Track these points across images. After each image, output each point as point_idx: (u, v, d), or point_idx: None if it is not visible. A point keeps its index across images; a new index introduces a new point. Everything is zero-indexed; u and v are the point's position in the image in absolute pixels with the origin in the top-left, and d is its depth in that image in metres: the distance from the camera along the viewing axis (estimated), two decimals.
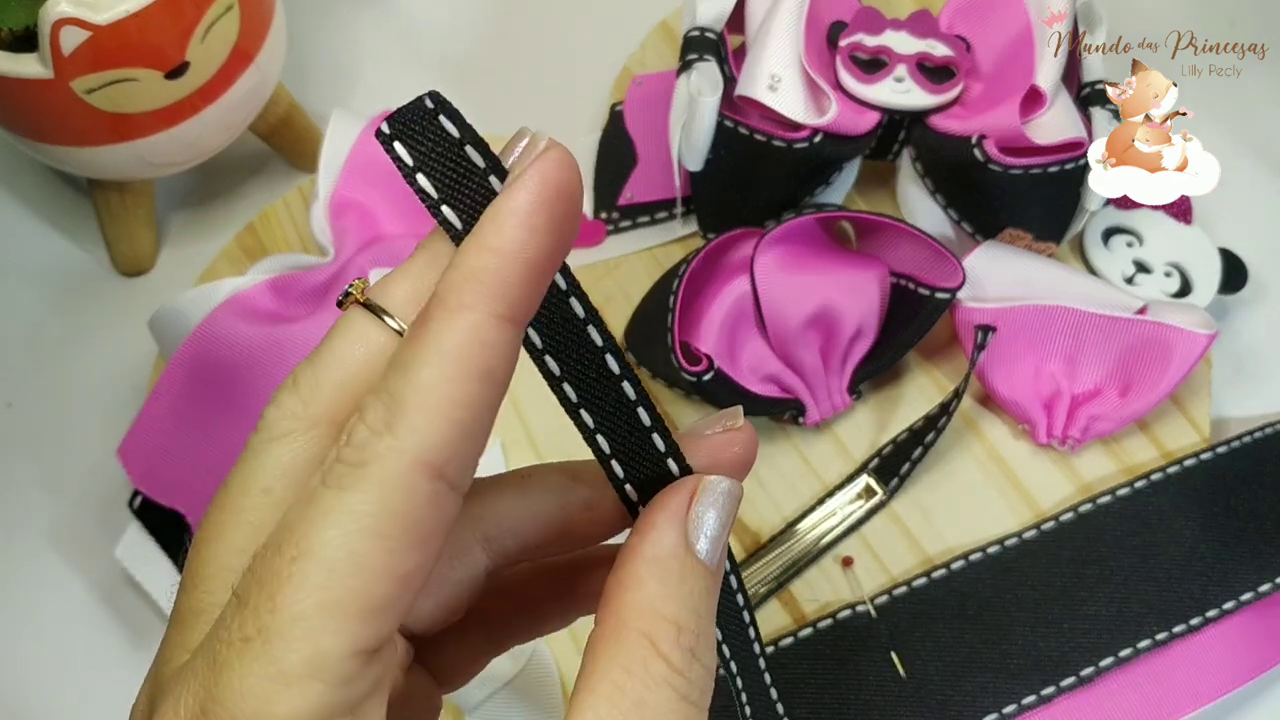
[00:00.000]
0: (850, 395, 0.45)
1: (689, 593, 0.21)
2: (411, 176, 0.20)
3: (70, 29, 0.40)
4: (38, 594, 0.45)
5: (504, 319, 0.19)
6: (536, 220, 0.19)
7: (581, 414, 0.22)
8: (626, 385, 0.22)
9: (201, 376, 0.43)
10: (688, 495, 0.22)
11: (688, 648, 0.21)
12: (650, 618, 0.21)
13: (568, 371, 0.21)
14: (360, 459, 0.19)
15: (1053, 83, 0.44)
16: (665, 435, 0.22)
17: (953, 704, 0.40)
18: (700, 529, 0.22)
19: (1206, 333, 0.44)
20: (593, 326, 0.21)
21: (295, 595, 0.18)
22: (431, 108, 0.20)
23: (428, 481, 0.19)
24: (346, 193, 0.48)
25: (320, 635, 0.18)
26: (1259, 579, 0.42)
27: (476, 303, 0.19)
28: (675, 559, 0.21)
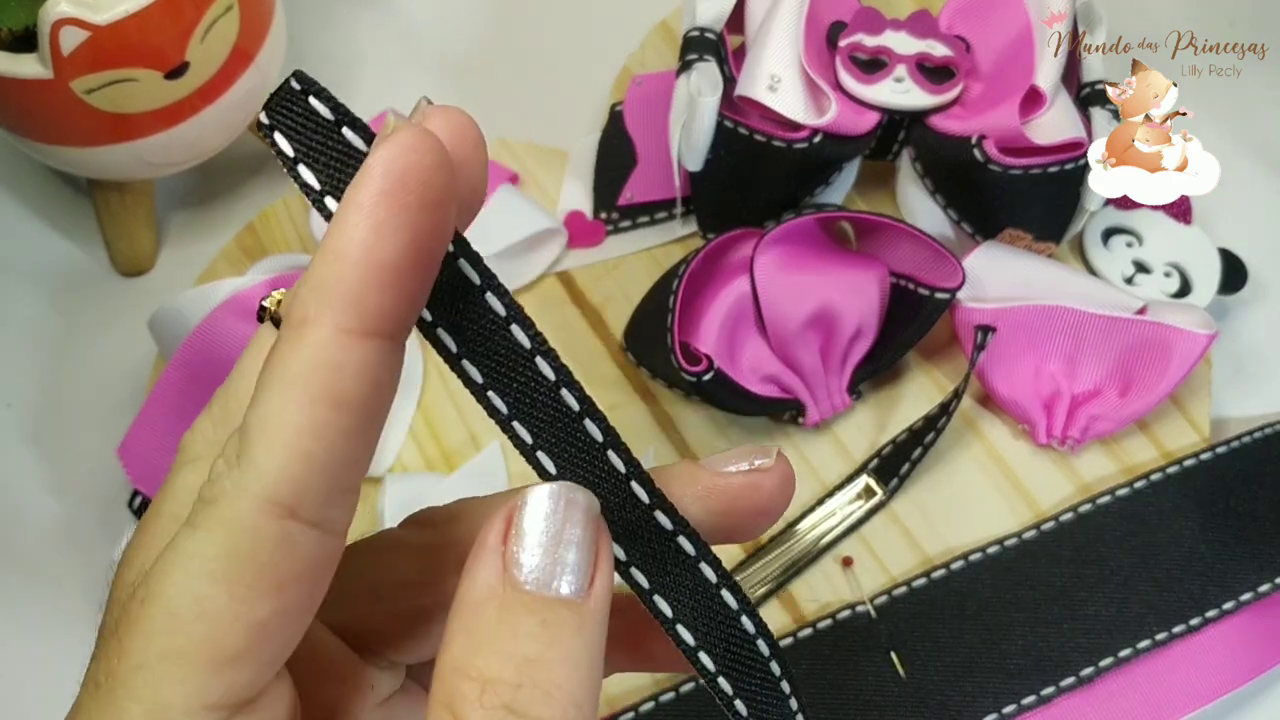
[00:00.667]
0: (850, 395, 0.45)
1: (508, 636, 0.17)
2: (293, 169, 0.18)
3: (70, 29, 0.40)
4: (37, 594, 0.45)
5: (355, 333, 0.17)
6: (380, 215, 0.17)
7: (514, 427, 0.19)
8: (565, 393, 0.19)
9: (201, 377, 0.43)
10: (504, 520, 0.18)
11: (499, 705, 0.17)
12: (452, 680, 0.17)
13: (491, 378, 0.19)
14: (211, 494, 0.17)
15: (1052, 83, 0.44)
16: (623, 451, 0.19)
17: (952, 704, 0.40)
18: (519, 553, 0.18)
19: (1206, 333, 0.44)
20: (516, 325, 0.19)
21: (139, 642, 0.17)
22: (299, 89, 0.18)
23: (275, 521, 0.17)
24: None
25: (162, 685, 0.17)
26: (1259, 579, 0.42)
27: (320, 317, 0.17)
28: (490, 600, 0.18)
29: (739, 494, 0.20)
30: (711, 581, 0.19)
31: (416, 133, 0.17)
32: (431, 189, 0.17)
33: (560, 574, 0.18)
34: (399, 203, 0.17)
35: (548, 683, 0.17)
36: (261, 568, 0.17)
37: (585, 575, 0.18)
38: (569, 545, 0.18)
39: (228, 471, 0.17)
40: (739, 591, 0.20)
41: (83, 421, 0.48)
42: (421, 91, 0.62)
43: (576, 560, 0.18)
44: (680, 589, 0.19)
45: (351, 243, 0.17)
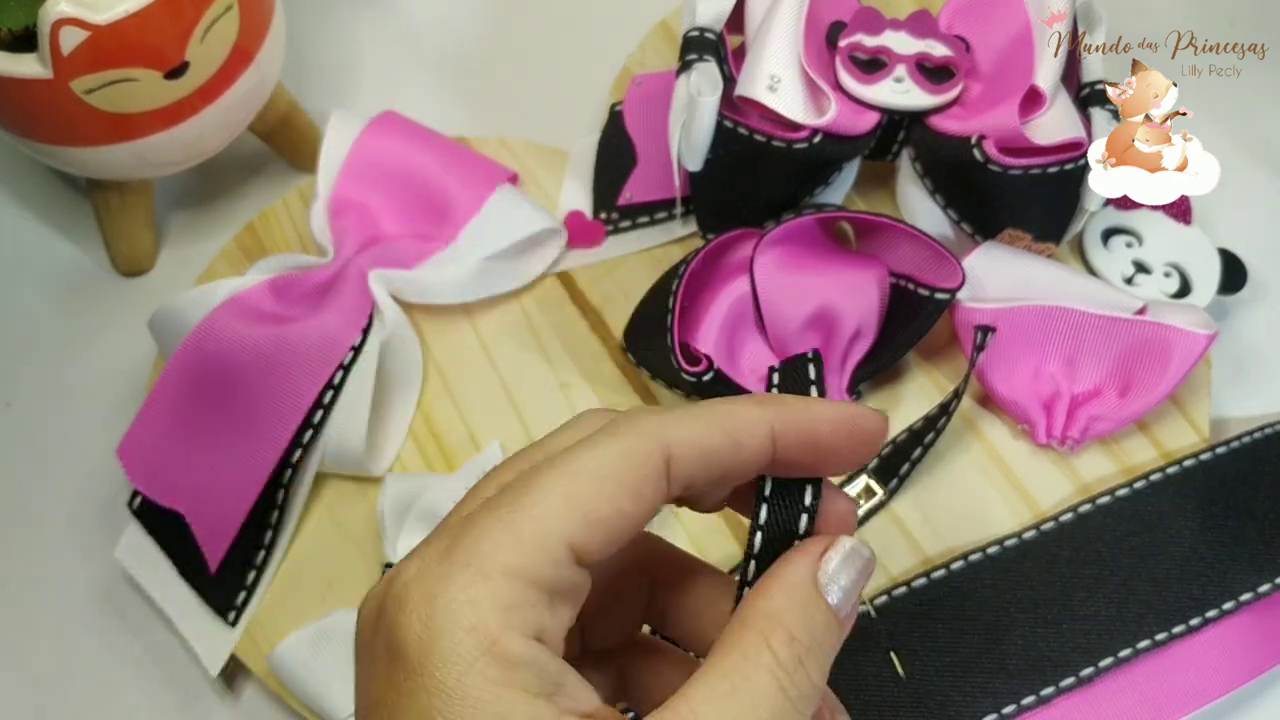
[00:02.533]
0: (850, 395, 0.45)
1: (809, 615, 0.25)
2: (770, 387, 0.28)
3: (69, 29, 0.40)
4: (37, 594, 0.45)
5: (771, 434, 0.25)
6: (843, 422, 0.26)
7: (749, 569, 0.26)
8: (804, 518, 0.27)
9: (201, 377, 0.43)
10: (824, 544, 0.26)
11: (797, 655, 0.24)
12: (767, 621, 0.24)
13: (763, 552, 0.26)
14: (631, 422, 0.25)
15: (1052, 83, 0.44)
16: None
17: (952, 704, 0.40)
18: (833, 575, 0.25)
19: (1206, 333, 0.44)
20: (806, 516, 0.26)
21: (543, 487, 0.24)
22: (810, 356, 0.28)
23: (661, 459, 0.24)
24: (346, 193, 0.48)
25: (551, 518, 0.23)
26: (1258, 579, 0.42)
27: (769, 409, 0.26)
28: (803, 586, 0.25)
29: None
30: None
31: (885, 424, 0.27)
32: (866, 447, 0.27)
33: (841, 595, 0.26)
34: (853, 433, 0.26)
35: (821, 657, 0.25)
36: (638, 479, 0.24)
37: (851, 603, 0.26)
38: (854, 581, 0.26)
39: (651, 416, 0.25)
40: None
41: (82, 421, 0.48)
42: (422, 91, 0.62)
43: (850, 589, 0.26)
44: None
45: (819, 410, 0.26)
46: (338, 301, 0.45)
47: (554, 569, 0.23)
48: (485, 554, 0.23)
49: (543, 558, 0.23)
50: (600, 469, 0.24)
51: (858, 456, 0.26)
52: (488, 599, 0.23)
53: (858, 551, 0.26)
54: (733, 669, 0.24)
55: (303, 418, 0.43)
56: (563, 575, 0.24)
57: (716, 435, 0.25)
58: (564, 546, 0.24)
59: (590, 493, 0.24)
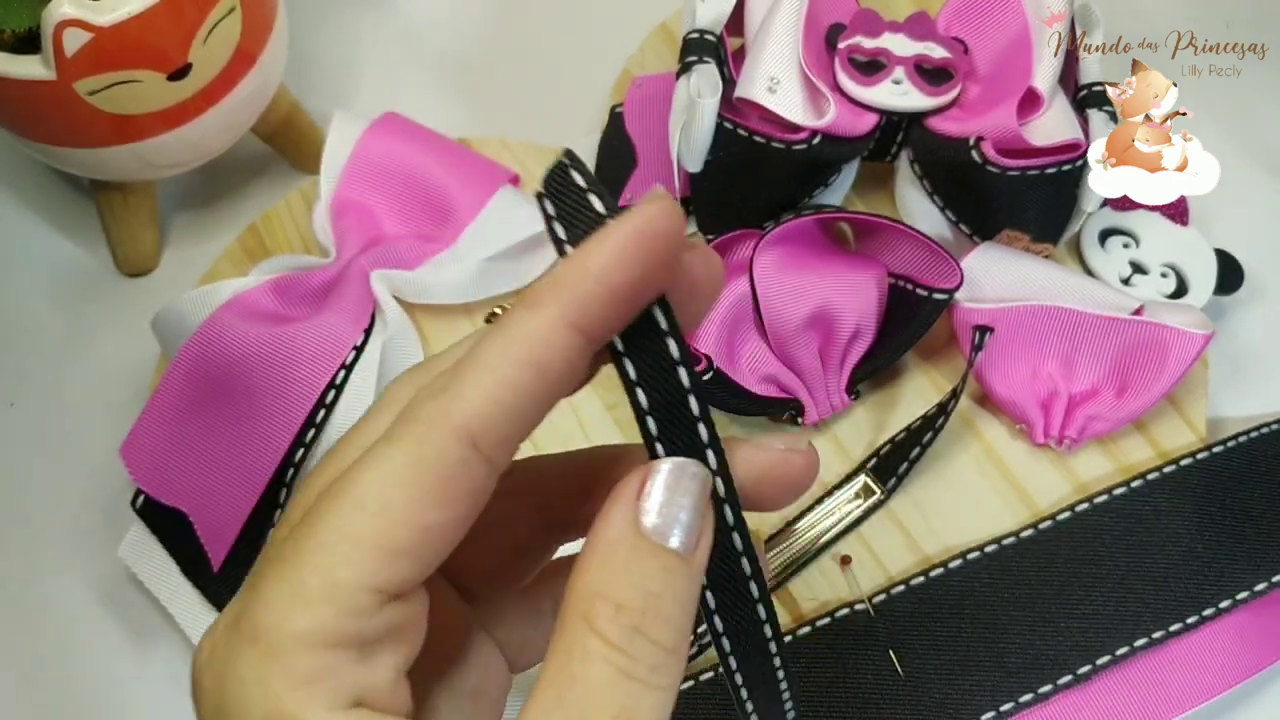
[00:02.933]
0: (849, 395, 0.46)
1: (635, 573, 0.21)
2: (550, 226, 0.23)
3: (73, 30, 0.40)
4: (41, 593, 0.45)
5: (571, 326, 0.21)
6: (626, 249, 0.21)
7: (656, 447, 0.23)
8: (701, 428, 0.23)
9: (204, 377, 0.44)
10: (639, 480, 0.22)
11: (628, 624, 0.21)
12: (589, 599, 0.21)
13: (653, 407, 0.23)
14: (411, 416, 0.21)
15: (1050, 84, 0.44)
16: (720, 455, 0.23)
17: (950, 703, 0.40)
18: (653, 510, 0.22)
19: (1203, 333, 0.44)
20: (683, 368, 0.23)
21: (326, 526, 0.20)
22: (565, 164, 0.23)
23: (460, 446, 0.20)
24: (348, 194, 0.48)
25: (340, 564, 0.20)
26: (1255, 578, 0.42)
27: (550, 304, 0.21)
28: (622, 542, 0.22)
29: (774, 464, 0.24)
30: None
31: (672, 208, 0.21)
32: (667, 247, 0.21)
33: (676, 530, 0.22)
34: (644, 247, 0.21)
35: (664, 613, 0.21)
36: (439, 481, 0.20)
37: (694, 535, 0.22)
38: (685, 509, 0.22)
39: (430, 399, 0.21)
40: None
41: (85, 421, 0.48)
42: (423, 93, 0.62)
43: (690, 521, 0.22)
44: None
45: (597, 263, 0.21)
46: (340, 302, 0.45)
47: (358, 620, 0.20)
48: (272, 625, 0.20)
49: (339, 612, 0.20)
50: (388, 490, 0.20)
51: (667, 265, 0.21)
52: (280, 678, 0.20)
53: (679, 471, 0.22)
54: (559, 670, 0.21)
55: (305, 417, 0.43)
56: (372, 623, 0.20)
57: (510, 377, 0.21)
58: (363, 593, 0.20)
59: (381, 524, 0.20)
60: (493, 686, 0.27)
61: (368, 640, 0.21)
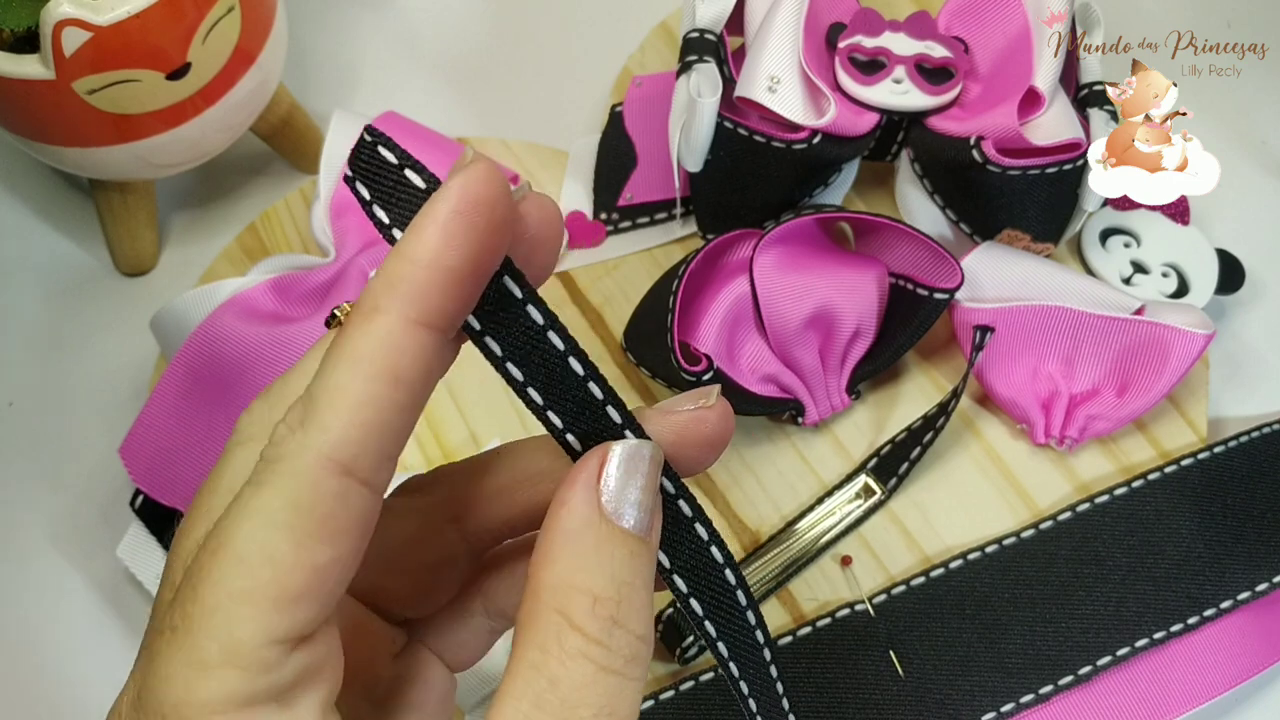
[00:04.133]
0: (849, 395, 0.45)
1: (606, 560, 0.21)
2: (369, 210, 0.21)
3: (72, 30, 0.40)
4: (39, 593, 0.45)
5: (418, 324, 0.20)
6: (453, 228, 0.19)
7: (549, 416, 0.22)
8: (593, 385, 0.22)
9: (203, 376, 0.44)
10: (598, 463, 0.21)
11: (606, 616, 0.21)
12: (563, 592, 0.21)
13: (531, 378, 0.22)
14: (276, 456, 0.20)
15: (1050, 84, 0.44)
16: (620, 407, 0.22)
17: (951, 703, 0.40)
18: (618, 495, 0.21)
19: (1204, 333, 0.44)
20: (553, 332, 0.21)
21: (213, 587, 0.19)
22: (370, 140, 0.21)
23: (334, 478, 0.19)
24: (347, 193, 0.48)
25: (235, 624, 0.19)
26: (1255, 578, 0.42)
27: (390, 306, 0.19)
28: (589, 528, 0.21)
29: (687, 426, 0.23)
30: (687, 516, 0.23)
31: (488, 166, 0.20)
32: (496, 213, 0.20)
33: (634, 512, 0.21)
34: (468, 221, 0.19)
35: (637, 601, 0.21)
36: (321, 518, 0.19)
37: (651, 515, 0.22)
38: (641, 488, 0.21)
39: (290, 435, 0.20)
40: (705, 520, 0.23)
41: (84, 421, 0.48)
42: (423, 92, 0.62)
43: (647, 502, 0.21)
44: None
45: (425, 249, 0.19)
46: (339, 301, 0.45)
47: (267, 676, 0.19)
48: (178, 699, 0.19)
49: (246, 674, 0.19)
50: (269, 539, 0.19)
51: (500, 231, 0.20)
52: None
53: (637, 453, 0.21)
54: (535, 671, 0.20)
55: None
56: (283, 673, 0.20)
57: (369, 395, 0.19)
58: (266, 648, 0.19)
59: (270, 575, 0.19)
60: (434, 695, 0.26)
61: (283, 689, 0.20)
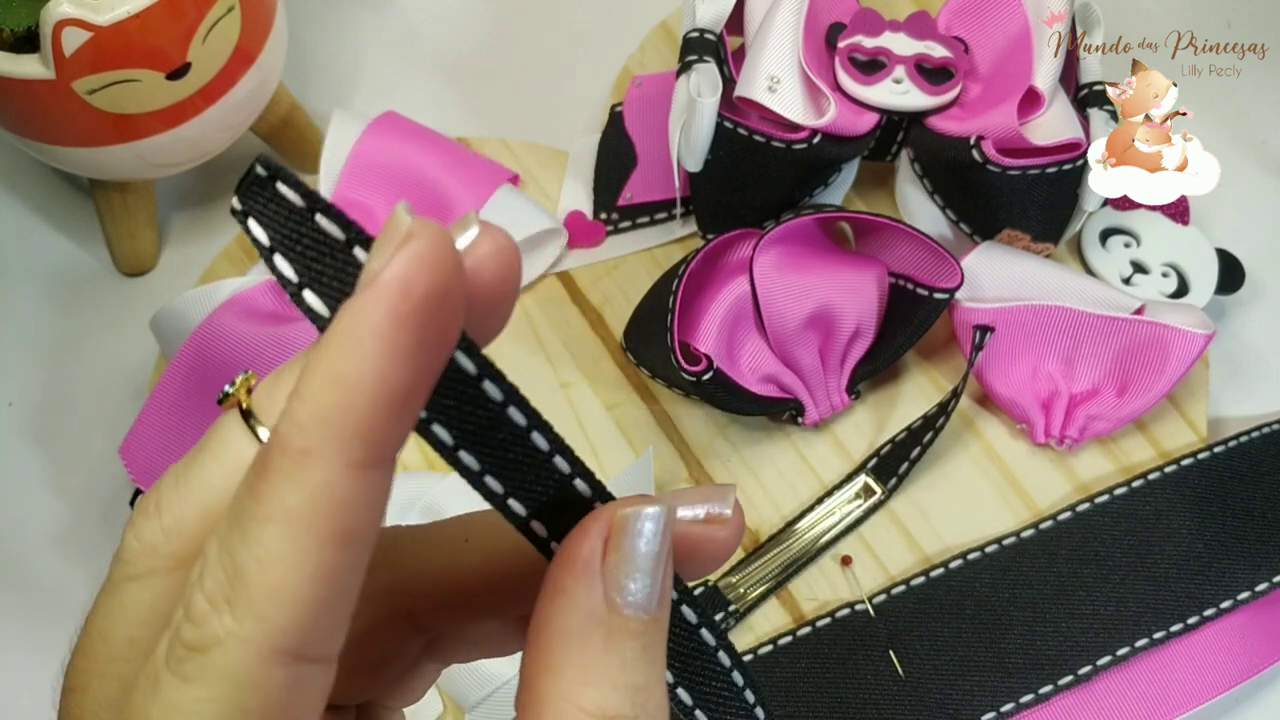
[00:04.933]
0: (849, 395, 0.45)
1: (618, 666, 0.17)
2: (269, 259, 0.17)
3: (72, 30, 0.40)
4: (40, 593, 0.45)
5: (363, 466, 0.15)
6: (398, 340, 0.15)
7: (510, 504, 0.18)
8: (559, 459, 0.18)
9: (202, 376, 0.44)
10: (600, 539, 0.18)
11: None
12: (571, 715, 0.17)
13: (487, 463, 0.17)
14: (200, 641, 0.16)
15: (1050, 84, 0.44)
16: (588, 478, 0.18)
17: (951, 703, 0.40)
18: (623, 577, 0.17)
19: (1204, 333, 0.44)
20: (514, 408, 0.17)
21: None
22: (264, 175, 0.17)
23: (281, 670, 0.16)
24: (347, 193, 0.48)
25: None
26: (1255, 578, 0.42)
27: (326, 449, 0.15)
28: (596, 626, 0.17)
29: (696, 545, 0.19)
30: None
31: (436, 242, 0.15)
32: (451, 301, 0.15)
33: (644, 591, 0.17)
34: (419, 326, 0.15)
35: (655, 707, 0.18)
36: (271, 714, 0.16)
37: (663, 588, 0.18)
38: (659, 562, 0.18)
39: (217, 616, 0.16)
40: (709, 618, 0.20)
41: (84, 421, 0.48)
42: (423, 92, 0.62)
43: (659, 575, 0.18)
44: None
45: (364, 370, 0.15)
46: None
47: None
48: None
49: None
50: None
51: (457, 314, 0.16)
52: None
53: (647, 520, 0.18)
54: None
55: None
56: None
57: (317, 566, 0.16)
58: None
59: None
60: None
61: None
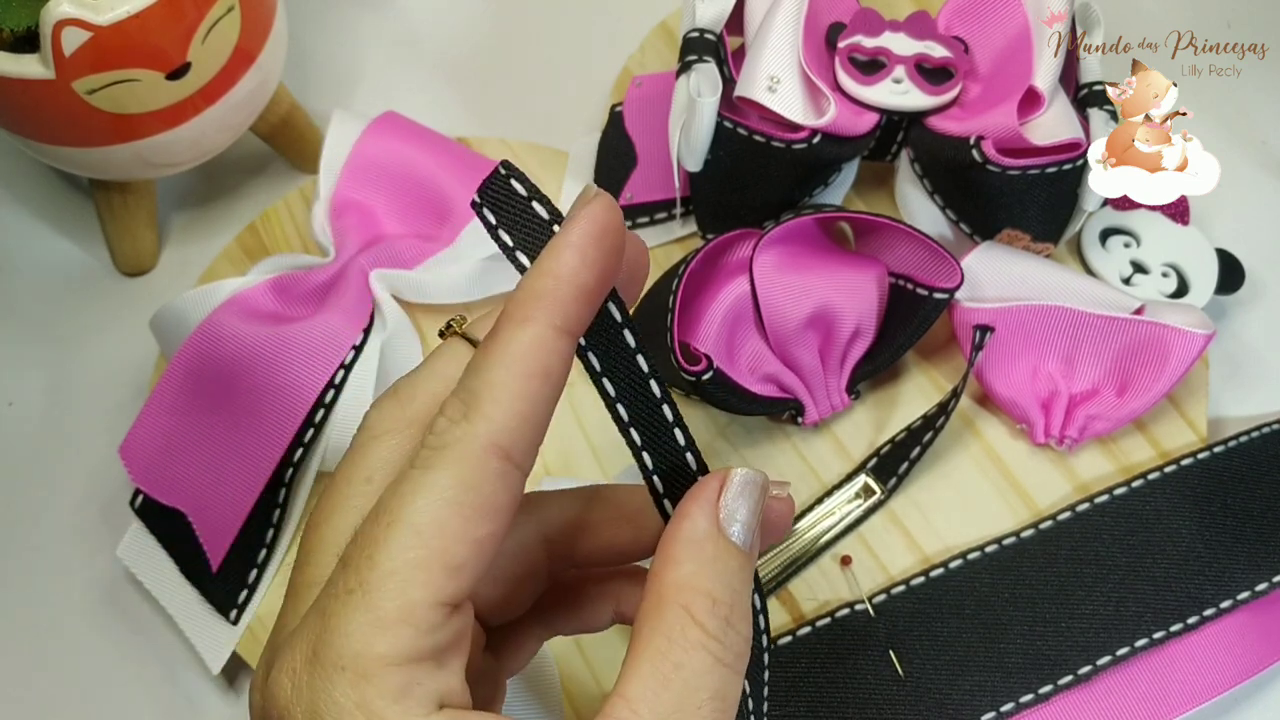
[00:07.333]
0: (849, 395, 0.45)
1: (722, 570, 0.24)
2: (494, 233, 0.25)
3: (72, 30, 0.40)
4: (40, 593, 0.45)
5: (560, 330, 0.23)
6: (586, 250, 0.23)
7: (631, 432, 0.25)
8: (666, 408, 0.26)
9: (202, 376, 0.44)
10: (718, 485, 0.25)
11: (723, 617, 0.24)
12: (687, 592, 0.24)
13: (621, 394, 0.25)
14: (441, 444, 0.23)
15: (1050, 84, 0.44)
16: (696, 454, 0.26)
17: (951, 703, 0.40)
18: (731, 514, 0.25)
19: (1203, 333, 0.44)
20: (641, 356, 0.25)
21: (390, 555, 0.22)
22: (504, 174, 0.25)
23: (497, 461, 0.23)
24: (347, 193, 0.48)
25: (410, 587, 0.22)
26: (1255, 578, 0.42)
27: (538, 316, 0.23)
28: (709, 540, 0.24)
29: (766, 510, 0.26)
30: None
31: (611, 201, 0.24)
32: (618, 240, 0.24)
33: (743, 531, 0.25)
34: (598, 245, 0.23)
35: (745, 608, 0.24)
36: (484, 497, 0.22)
37: (755, 535, 0.25)
38: (752, 512, 0.25)
39: (453, 425, 0.23)
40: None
41: (84, 420, 0.48)
42: (422, 92, 0.62)
43: (753, 523, 0.25)
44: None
45: (566, 267, 0.23)
46: (339, 301, 0.45)
47: (432, 635, 0.22)
48: (359, 652, 0.22)
49: (417, 632, 0.22)
50: (440, 513, 0.22)
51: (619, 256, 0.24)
52: (377, 698, 0.22)
53: (750, 480, 0.25)
54: (661, 656, 0.23)
55: (304, 416, 0.43)
56: (443, 634, 0.23)
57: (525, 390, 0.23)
58: (434, 609, 0.22)
59: (440, 544, 0.22)
60: (498, 694, 0.30)
61: (441, 650, 0.23)
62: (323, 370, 0.44)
